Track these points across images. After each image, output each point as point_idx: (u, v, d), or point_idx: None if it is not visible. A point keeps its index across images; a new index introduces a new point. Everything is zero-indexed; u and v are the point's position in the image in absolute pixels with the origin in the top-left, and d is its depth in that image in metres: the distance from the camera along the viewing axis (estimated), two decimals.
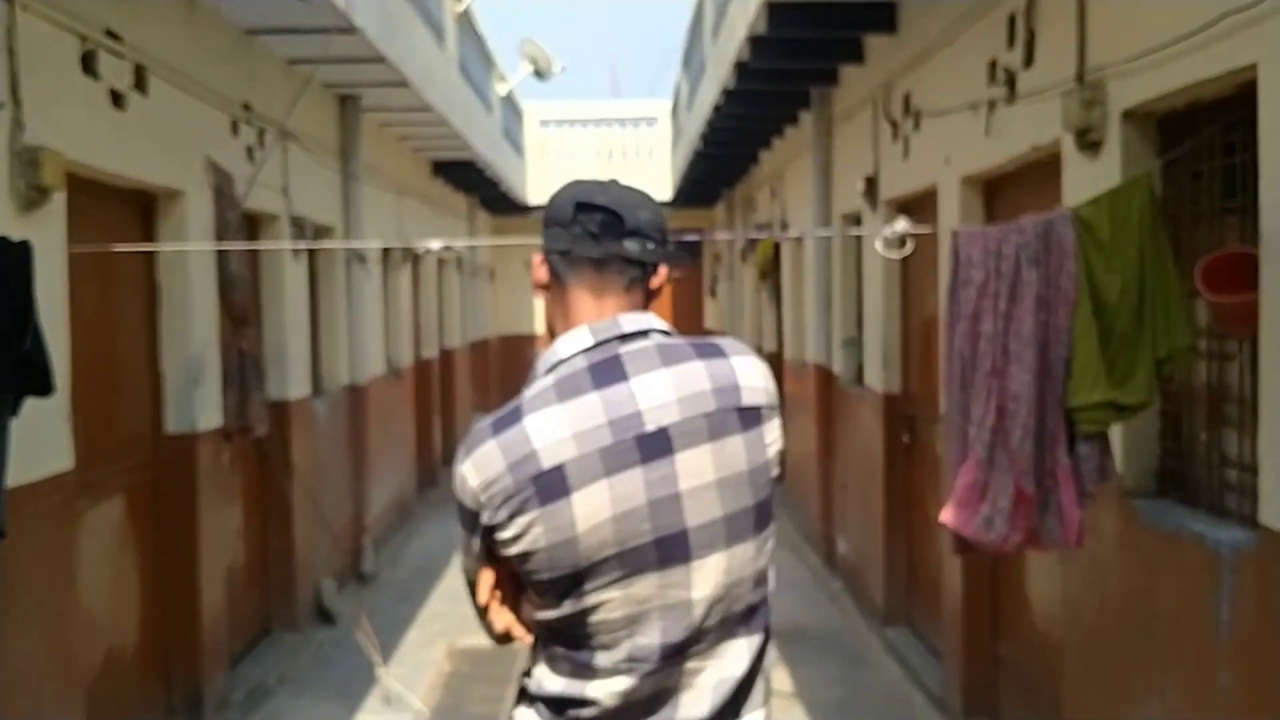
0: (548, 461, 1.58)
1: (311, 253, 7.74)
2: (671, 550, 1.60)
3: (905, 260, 6.62)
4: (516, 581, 1.68)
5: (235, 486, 6.29)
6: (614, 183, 1.75)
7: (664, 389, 1.62)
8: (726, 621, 1.64)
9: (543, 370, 1.68)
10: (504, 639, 1.74)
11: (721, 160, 12.20)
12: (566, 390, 1.62)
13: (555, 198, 1.75)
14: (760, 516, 1.66)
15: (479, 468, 1.62)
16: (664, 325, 1.72)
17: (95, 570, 4.68)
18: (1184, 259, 3.12)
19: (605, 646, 1.62)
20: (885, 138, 6.50)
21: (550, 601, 1.63)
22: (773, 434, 1.68)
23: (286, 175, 6.85)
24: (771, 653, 1.74)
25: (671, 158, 16.68)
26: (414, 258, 10.97)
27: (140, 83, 4.84)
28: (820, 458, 8.34)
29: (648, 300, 1.73)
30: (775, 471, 1.69)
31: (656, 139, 18.20)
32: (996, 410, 2.90)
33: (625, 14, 64.92)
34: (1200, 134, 3.19)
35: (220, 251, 5.61)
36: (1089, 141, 3.65)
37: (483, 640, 2.36)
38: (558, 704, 1.66)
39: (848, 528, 7.77)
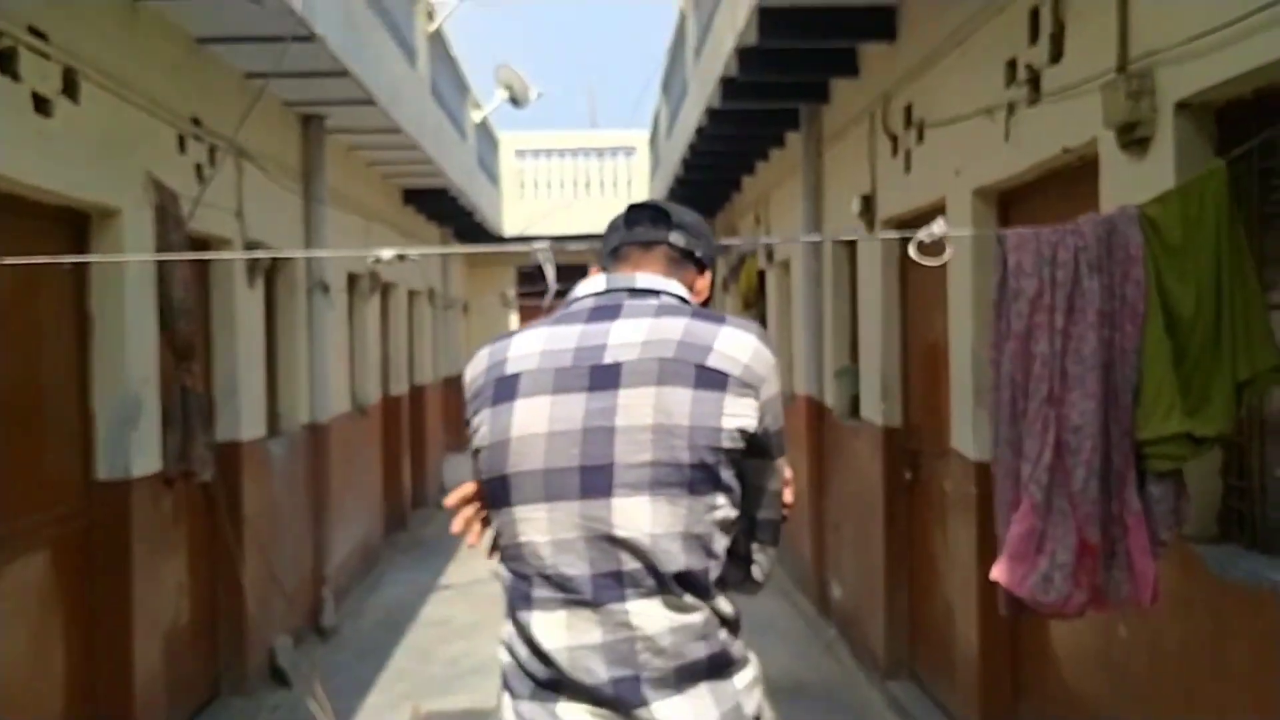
0: (511, 369, 1.71)
1: (269, 281, 7.23)
2: (595, 481, 1.62)
3: (905, 281, 6.20)
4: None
5: (179, 537, 5.74)
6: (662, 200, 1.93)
7: (637, 332, 1.68)
8: (657, 576, 1.62)
9: (562, 307, 1.81)
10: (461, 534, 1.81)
11: (703, 187, 11.80)
12: (564, 318, 1.75)
13: (610, 221, 1.91)
14: (697, 479, 1.63)
15: (473, 365, 1.80)
16: (684, 293, 1.79)
17: (11, 637, 4.13)
18: (1256, 267, 2.68)
19: (540, 574, 1.64)
20: (883, 153, 6.09)
21: (491, 513, 1.72)
22: (738, 408, 1.65)
23: (241, 197, 6.36)
24: (757, 689, 1.69)
25: (650, 188, 16.30)
26: (382, 288, 10.47)
27: (70, 88, 4.35)
28: (812, 496, 7.85)
29: (685, 280, 1.83)
30: (729, 444, 1.65)
31: (635, 169, 17.84)
32: (1055, 445, 2.44)
33: (602, 43, 65.00)
34: (1276, 125, 2.76)
35: (162, 277, 5.11)
36: (1135, 139, 3.22)
37: (452, 701, 2.16)
38: (514, 645, 1.68)
39: (842, 571, 7.27)
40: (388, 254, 2.59)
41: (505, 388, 1.70)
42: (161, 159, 5.28)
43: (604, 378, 1.65)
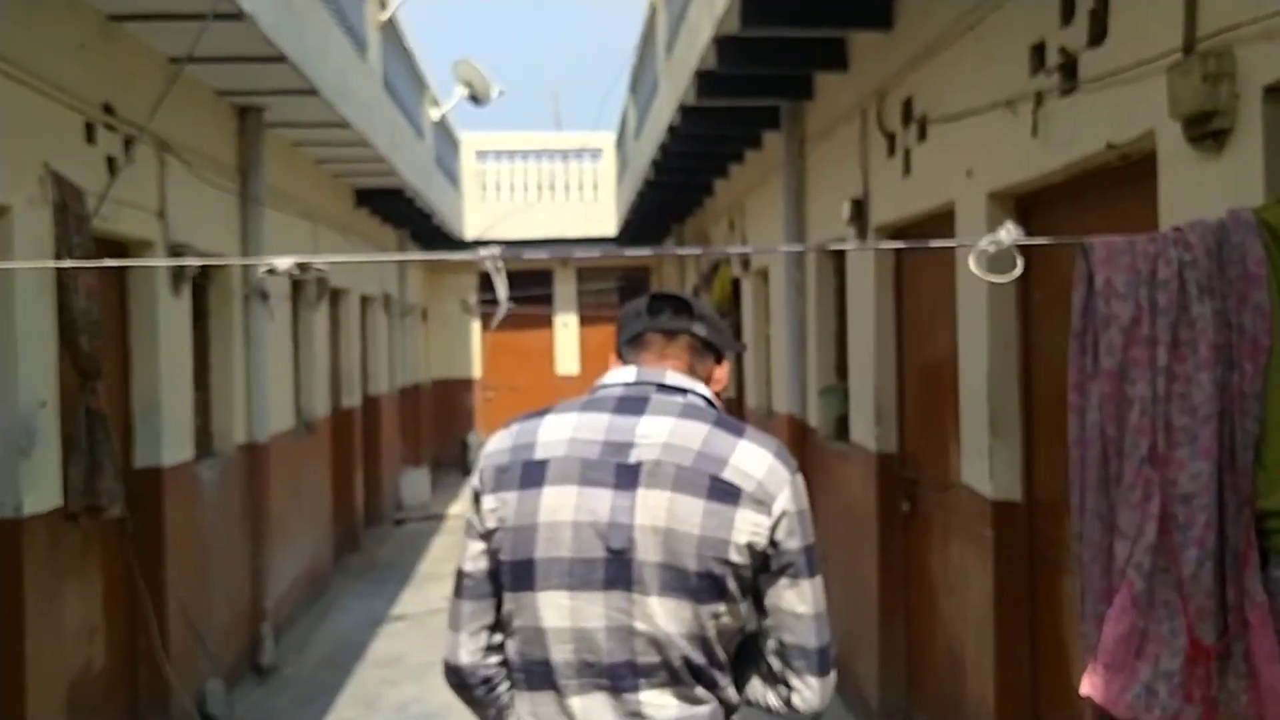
0: (540, 454, 1.77)
1: (199, 289, 6.57)
2: (617, 574, 1.70)
3: (900, 293, 5.66)
4: None
5: (89, 575, 5.07)
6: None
7: (660, 432, 1.75)
8: (670, 669, 1.70)
9: (589, 390, 1.89)
10: None
11: (672, 190, 11.24)
12: (592, 405, 1.82)
13: (626, 307, 1.97)
14: (702, 588, 1.69)
15: (496, 440, 1.86)
16: (710, 396, 1.86)
17: None
18: None
19: (557, 659, 1.72)
20: (878, 153, 5.55)
21: (508, 594, 1.77)
22: (747, 523, 1.71)
23: (164, 195, 5.70)
24: None
25: (617, 192, 15.72)
26: (331, 294, 9.79)
27: None
28: None
29: (705, 373, 1.89)
30: (737, 558, 1.70)
31: (601, 172, 17.24)
32: (1159, 519, 1.88)
33: (566, 41, 64.07)
34: None
35: (63, 285, 4.45)
36: (1209, 131, 2.68)
37: None
38: None
39: (832, 602, 6.70)
40: (283, 263, 2.02)
41: (533, 472, 1.74)
42: (63, 150, 4.63)
43: (627, 476, 1.71)
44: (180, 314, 6.01)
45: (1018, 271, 2.06)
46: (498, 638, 1.81)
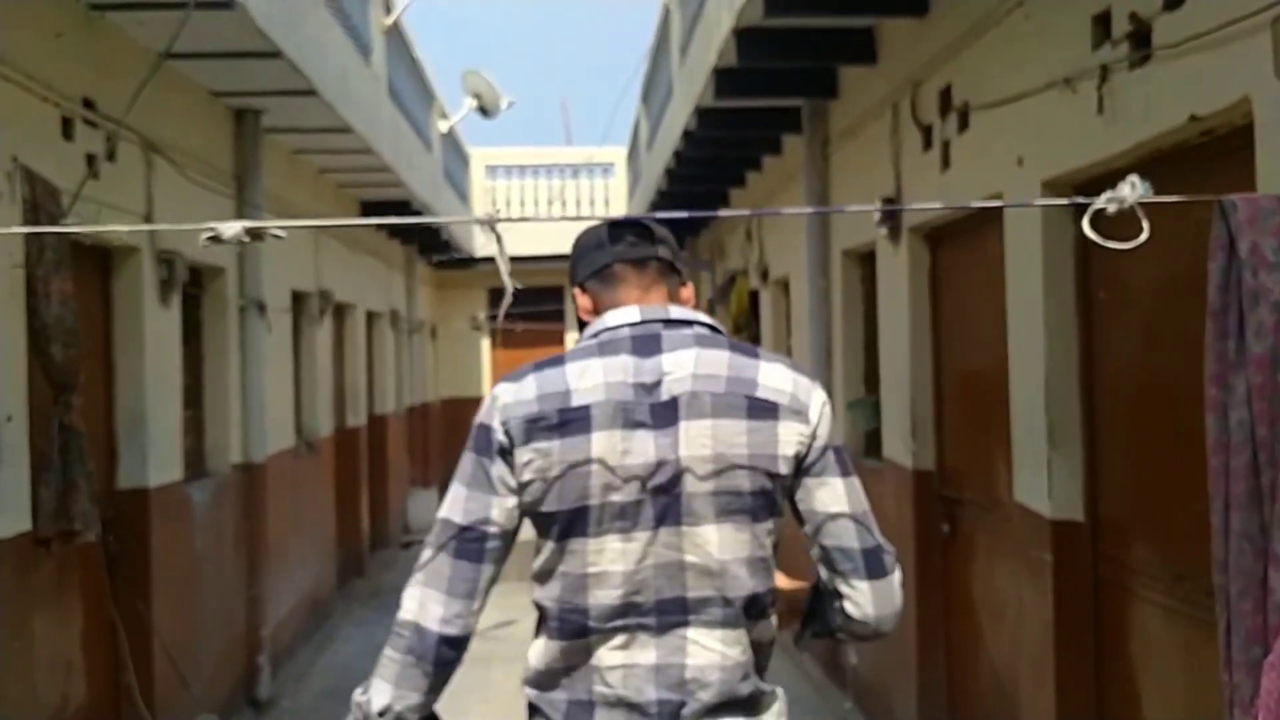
0: (578, 400, 1.72)
1: (191, 301, 6.23)
2: (667, 511, 1.70)
3: (936, 295, 5.28)
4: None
5: (65, 606, 4.70)
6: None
7: (686, 365, 1.75)
8: (725, 603, 1.71)
9: (588, 335, 1.82)
10: None
11: (686, 202, 10.88)
12: (608, 349, 1.77)
13: (582, 238, 1.94)
14: (758, 506, 1.73)
15: (513, 391, 1.76)
16: (712, 321, 1.84)
17: None
18: None
19: (605, 603, 1.70)
20: (911, 148, 5.19)
21: (553, 543, 1.72)
22: (791, 434, 1.73)
23: (151, 198, 5.37)
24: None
25: (628, 207, 15.39)
26: (335, 309, 9.46)
27: None
28: None
29: (679, 292, 1.90)
30: (786, 470, 1.73)
31: (613, 188, 16.92)
32: None
33: (576, 51, 63.62)
34: None
35: (34, 290, 4.10)
36: None
37: None
38: (547, 679, 1.74)
39: None
40: (229, 229, 1.66)
41: (575, 419, 1.71)
42: (37, 145, 4.30)
43: (665, 413, 1.71)
44: (169, 325, 5.67)
45: (1144, 236, 1.68)
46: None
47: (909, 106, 5.13)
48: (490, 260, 16.94)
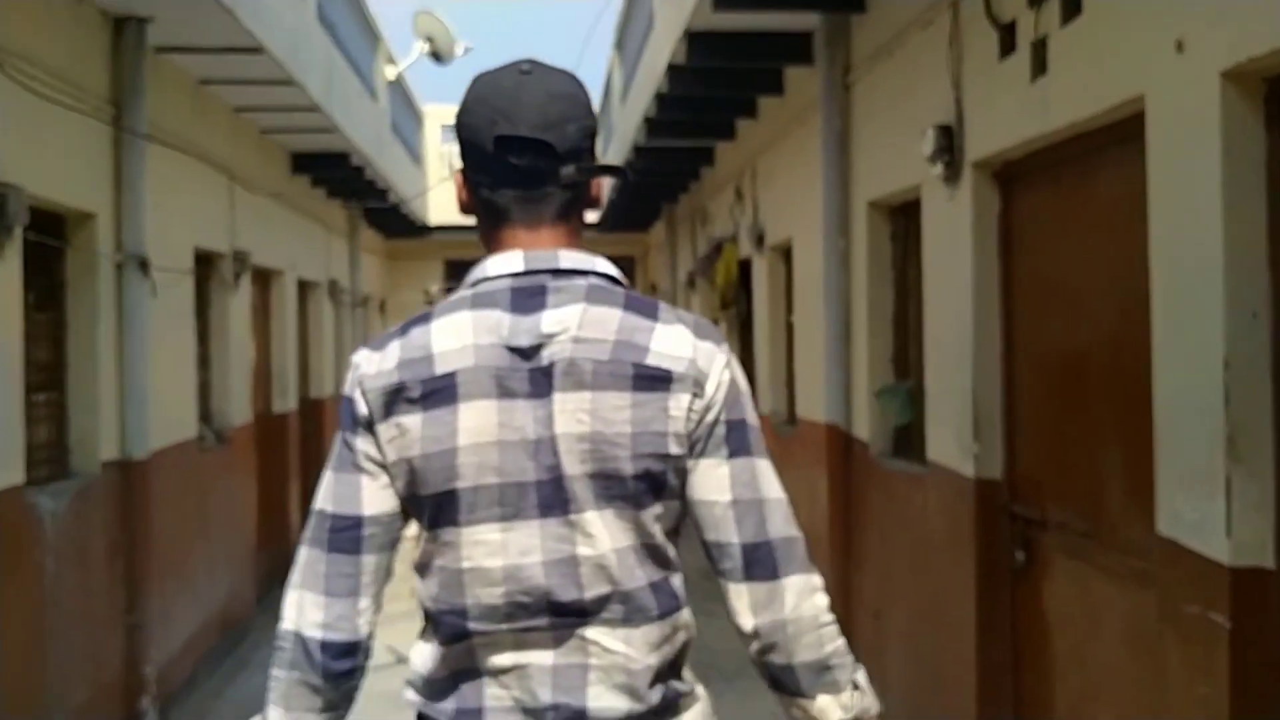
0: (441, 367, 1.48)
1: (46, 256, 4.88)
2: (553, 496, 1.46)
3: (1009, 252, 4.07)
4: None
5: None
6: (533, 77, 1.51)
7: (569, 325, 1.48)
8: (622, 598, 1.47)
9: (466, 285, 1.56)
10: None
11: (666, 159, 9.64)
12: (482, 302, 1.51)
13: (469, 110, 1.53)
14: (640, 491, 1.47)
15: (375, 361, 1.53)
16: (613, 271, 1.56)
17: None
18: None
19: (485, 603, 1.47)
20: (982, 57, 3.95)
21: (428, 534, 1.51)
22: (687, 408, 1.47)
23: None
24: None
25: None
26: (257, 275, 8.10)
27: None
28: (834, 561, 5.65)
29: (582, 215, 1.58)
30: (678, 449, 1.47)
31: None
32: None
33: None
34: None
35: None
36: None
37: None
38: (432, 687, 1.52)
39: (888, 679, 5.06)
40: None
41: (438, 389, 1.46)
42: None
43: (541, 381, 1.46)
44: (8, 288, 4.33)
45: None
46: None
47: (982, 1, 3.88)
48: (446, 229, 15.62)
